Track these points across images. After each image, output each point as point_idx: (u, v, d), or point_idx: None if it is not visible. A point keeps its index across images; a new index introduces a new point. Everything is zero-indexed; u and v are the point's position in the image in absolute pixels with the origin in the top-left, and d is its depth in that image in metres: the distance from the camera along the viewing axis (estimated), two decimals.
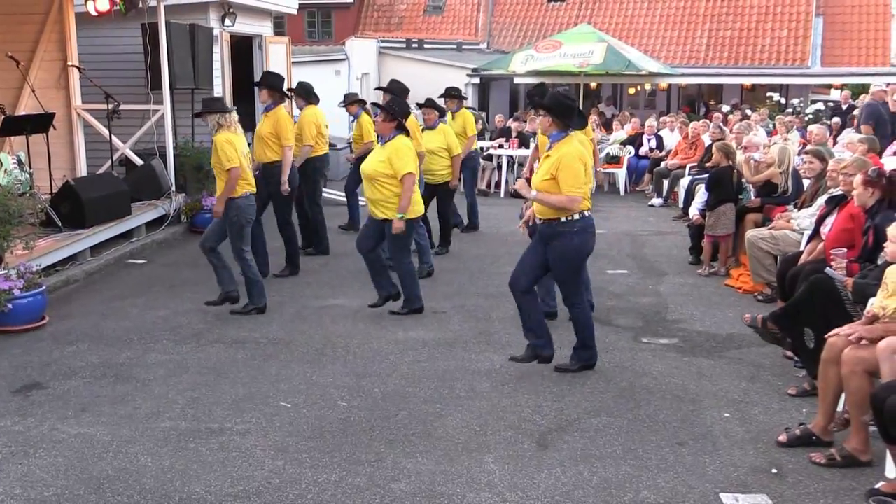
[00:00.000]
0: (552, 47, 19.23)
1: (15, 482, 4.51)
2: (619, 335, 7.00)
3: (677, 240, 10.74)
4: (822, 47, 24.76)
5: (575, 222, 5.83)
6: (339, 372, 6.13)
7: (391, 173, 7.09)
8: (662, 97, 25.41)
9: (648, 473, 4.59)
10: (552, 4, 27.95)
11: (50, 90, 10.84)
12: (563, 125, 5.87)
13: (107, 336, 7.00)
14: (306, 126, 9.72)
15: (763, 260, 7.93)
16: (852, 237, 6.17)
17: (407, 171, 7.08)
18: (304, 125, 9.72)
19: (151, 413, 5.42)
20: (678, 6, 26.43)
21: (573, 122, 5.92)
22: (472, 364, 6.28)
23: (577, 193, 5.73)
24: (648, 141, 15.55)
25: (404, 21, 28.72)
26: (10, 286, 6.95)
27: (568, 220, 5.82)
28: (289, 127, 8.80)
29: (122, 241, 10.11)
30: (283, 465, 4.70)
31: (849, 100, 18.64)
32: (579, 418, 5.32)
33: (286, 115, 8.84)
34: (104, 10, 10.55)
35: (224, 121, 7.38)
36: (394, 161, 7.07)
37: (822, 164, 8.03)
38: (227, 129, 7.35)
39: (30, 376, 6.09)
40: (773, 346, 6.24)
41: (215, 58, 12.97)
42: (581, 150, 5.84)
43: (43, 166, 9.98)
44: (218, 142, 7.31)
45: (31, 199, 8.67)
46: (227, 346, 6.74)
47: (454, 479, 4.53)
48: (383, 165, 7.11)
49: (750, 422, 5.26)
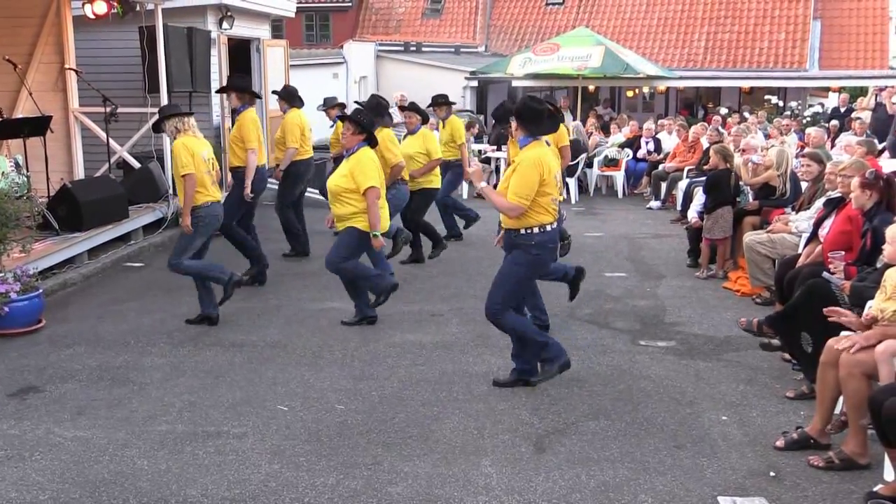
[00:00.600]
0: (550, 50, 19.25)
1: (10, 486, 4.50)
2: (617, 338, 6.99)
3: (675, 243, 10.74)
4: (819, 50, 24.79)
5: (532, 235, 5.59)
6: (336, 375, 6.11)
7: (353, 188, 6.83)
8: (661, 100, 25.40)
9: (646, 476, 4.58)
10: (550, 7, 27.97)
11: (47, 93, 10.84)
12: (528, 130, 5.64)
13: (103, 339, 6.98)
14: (291, 129, 9.55)
15: (761, 263, 7.92)
16: (850, 240, 6.17)
17: (369, 184, 6.80)
18: (288, 128, 9.56)
19: (148, 416, 5.40)
20: (676, 9, 26.45)
21: (541, 127, 5.67)
22: (470, 367, 6.27)
23: (521, 203, 5.46)
24: (646, 144, 15.54)
25: (402, 24, 28.73)
26: (7, 289, 6.93)
27: (526, 232, 5.58)
28: (251, 130, 8.60)
29: (119, 244, 10.10)
30: (280, 468, 4.69)
31: (847, 102, 18.65)
32: (577, 421, 5.31)
33: (250, 119, 8.65)
34: (101, 13, 10.54)
35: (182, 125, 7.03)
36: (356, 175, 6.82)
37: (820, 167, 8.04)
38: (184, 134, 7.02)
39: (26, 379, 6.07)
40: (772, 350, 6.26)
41: (213, 61, 12.97)
42: (541, 158, 5.53)
43: (40, 169, 9.97)
44: (174, 147, 7.02)
45: (28, 202, 8.65)
46: (224, 349, 6.73)
47: (451, 483, 4.52)
48: (345, 180, 6.87)
49: (748, 425, 5.25)
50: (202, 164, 7.01)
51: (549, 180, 5.51)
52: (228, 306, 7.48)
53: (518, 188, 5.47)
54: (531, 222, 5.56)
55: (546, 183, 5.49)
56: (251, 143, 8.57)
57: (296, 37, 26.08)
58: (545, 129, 5.71)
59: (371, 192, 6.82)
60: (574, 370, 6.16)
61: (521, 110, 5.71)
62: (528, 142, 5.63)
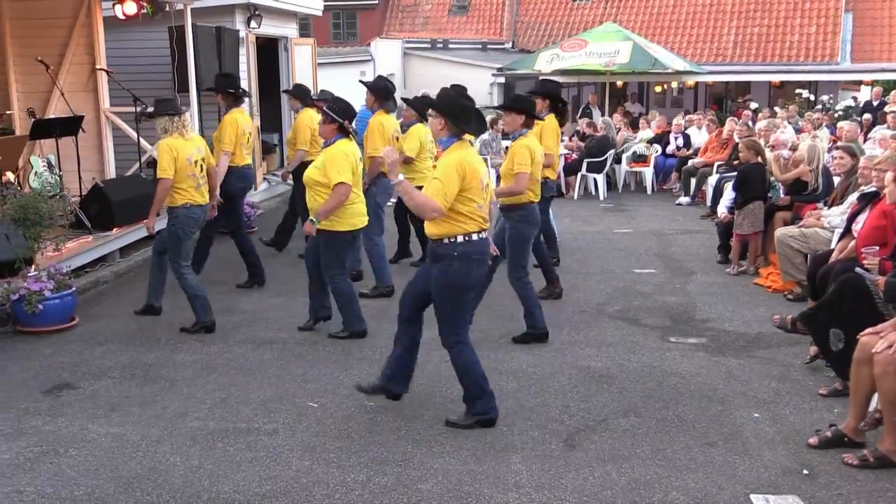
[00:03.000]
0: (578, 46, 19.15)
1: (46, 481, 4.56)
2: (647, 335, 6.95)
3: (705, 238, 10.65)
4: (851, 43, 24.46)
5: (455, 245, 4.99)
6: (365, 372, 6.12)
7: (325, 181, 6.55)
8: (689, 95, 25.23)
9: (678, 474, 4.55)
10: (577, 3, 27.86)
11: (79, 93, 10.95)
12: (455, 130, 5.06)
13: (135, 336, 7.05)
14: (301, 130, 9.40)
15: (793, 258, 7.84)
16: (885, 235, 6.08)
17: (338, 179, 6.48)
18: (299, 129, 9.42)
19: (180, 413, 5.45)
20: (705, 3, 26.22)
21: (469, 127, 5.12)
22: (499, 364, 6.26)
23: (437, 203, 4.87)
24: (675, 139, 15.44)
25: (429, 21, 28.75)
26: (41, 287, 7.02)
27: (449, 241, 5.00)
28: (226, 131, 8.45)
29: (150, 242, 10.11)
30: (311, 464, 4.71)
31: (880, 96, 18.40)
32: (607, 418, 5.28)
33: (228, 119, 8.52)
34: (132, 13, 10.64)
35: (171, 125, 6.87)
36: (328, 168, 6.55)
37: (853, 161, 7.94)
38: (171, 135, 6.87)
39: (60, 376, 6.15)
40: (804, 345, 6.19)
41: (241, 60, 13.05)
42: (463, 160, 4.96)
43: (72, 169, 10.09)
44: (159, 147, 6.92)
45: (60, 201, 8.78)
46: (254, 346, 6.77)
47: (481, 479, 4.51)
48: (318, 173, 6.61)
49: (780, 422, 5.20)
50: (186, 167, 6.88)
51: (473, 186, 4.97)
52: (258, 303, 7.53)
53: (436, 188, 4.92)
54: (455, 230, 5.01)
55: (468, 189, 4.95)
56: (224, 145, 8.38)
57: (323, 35, 26.22)
58: (473, 129, 5.20)
59: (339, 188, 6.49)
60: (604, 367, 6.15)
61: (447, 107, 5.09)
62: (451, 142, 5.08)
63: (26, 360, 6.51)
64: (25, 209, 7.57)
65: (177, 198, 6.97)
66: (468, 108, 5.15)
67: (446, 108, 5.07)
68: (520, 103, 6.83)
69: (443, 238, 5.04)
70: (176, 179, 6.89)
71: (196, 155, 7.02)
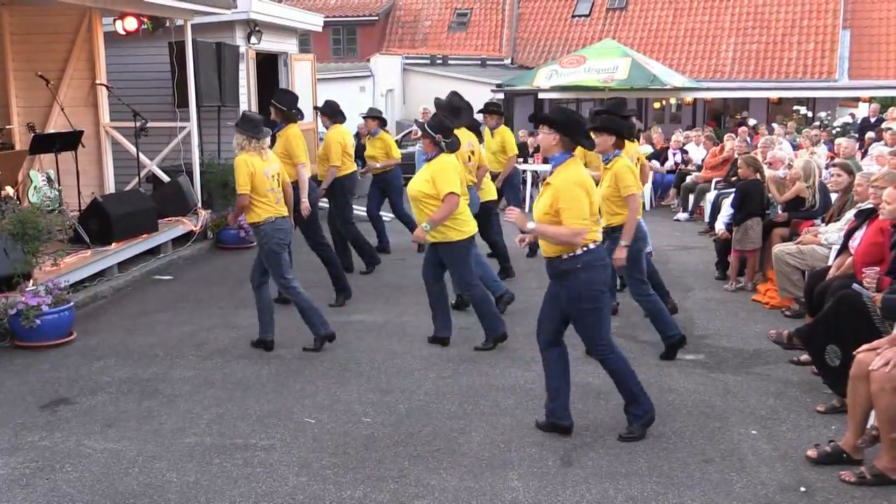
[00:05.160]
0: (576, 62, 19.26)
1: (42, 497, 4.55)
2: (645, 351, 6.95)
3: (703, 255, 10.67)
4: (849, 60, 24.56)
5: (577, 258, 5.00)
6: (363, 388, 6.12)
7: (434, 193, 6.71)
8: (688, 111, 25.30)
9: (675, 491, 4.55)
10: (576, 20, 27.97)
11: (79, 108, 11.00)
12: (569, 145, 5.04)
13: (133, 352, 7.05)
14: (332, 146, 9.56)
15: (790, 275, 7.85)
16: (882, 251, 6.09)
17: (448, 190, 6.67)
18: (331, 145, 9.58)
19: (177, 428, 5.44)
20: (703, 20, 26.35)
21: (582, 142, 5.13)
22: (497, 380, 6.26)
23: (582, 225, 4.92)
24: (674, 155, 15.48)
25: (429, 37, 28.86)
26: (39, 302, 7.02)
27: (569, 256, 5.02)
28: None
29: (148, 257, 10.20)
30: (308, 481, 4.70)
31: (877, 113, 18.45)
32: (604, 435, 5.28)
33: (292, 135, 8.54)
34: (132, 29, 10.72)
35: (247, 144, 6.85)
36: (437, 180, 6.70)
37: (850, 178, 7.96)
38: (246, 151, 6.85)
39: (57, 392, 6.14)
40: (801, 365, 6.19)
41: (241, 75, 13.10)
42: (582, 176, 5.03)
43: (71, 183, 10.12)
44: (235, 162, 6.92)
45: (59, 215, 8.80)
46: (252, 361, 6.77)
47: (478, 496, 4.51)
48: (427, 185, 6.75)
49: (778, 439, 5.19)
50: (264, 182, 6.82)
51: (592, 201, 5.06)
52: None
53: (573, 211, 4.92)
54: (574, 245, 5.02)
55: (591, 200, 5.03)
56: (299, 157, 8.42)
57: (323, 51, 26.30)
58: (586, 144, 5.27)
59: (450, 198, 6.66)
60: (602, 383, 6.13)
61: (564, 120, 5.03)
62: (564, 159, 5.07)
63: (23, 375, 6.50)
64: (24, 224, 7.58)
65: (261, 213, 6.86)
66: (581, 123, 5.12)
67: (560, 123, 5.00)
68: (614, 123, 6.52)
69: (561, 254, 5.04)
70: (256, 194, 6.83)
71: (272, 170, 6.95)
